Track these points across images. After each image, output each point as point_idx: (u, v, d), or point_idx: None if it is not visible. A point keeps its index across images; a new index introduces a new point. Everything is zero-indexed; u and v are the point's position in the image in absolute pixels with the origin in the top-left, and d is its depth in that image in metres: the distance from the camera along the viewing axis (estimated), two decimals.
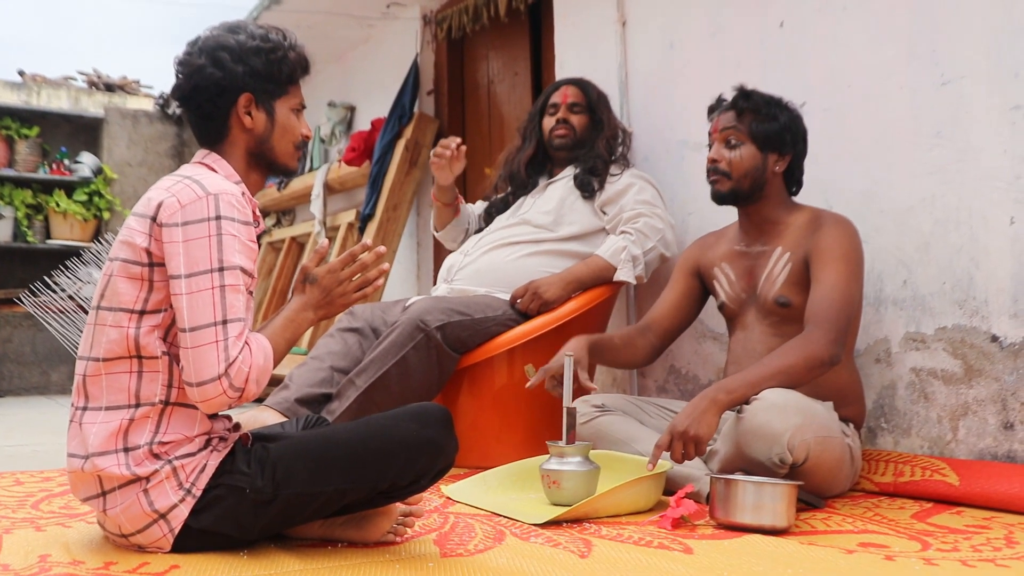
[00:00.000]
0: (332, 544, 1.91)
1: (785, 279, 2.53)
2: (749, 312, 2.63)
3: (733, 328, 2.70)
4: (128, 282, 1.77)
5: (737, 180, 2.59)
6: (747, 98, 2.61)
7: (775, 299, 2.54)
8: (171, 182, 1.81)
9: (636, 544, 1.94)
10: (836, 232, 2.48)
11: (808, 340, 2.34)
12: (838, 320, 2.36)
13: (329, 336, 3.09)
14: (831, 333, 2.34)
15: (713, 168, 2.62)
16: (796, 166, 2.65)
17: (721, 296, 2.71)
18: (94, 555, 1.79)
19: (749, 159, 2.58)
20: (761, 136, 2.58)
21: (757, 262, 2.63)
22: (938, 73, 2.60)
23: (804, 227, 2.55)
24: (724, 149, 2.61)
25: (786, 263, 2.54)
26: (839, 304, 2.38)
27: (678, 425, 2.25)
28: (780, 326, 2.55)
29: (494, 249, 3.25)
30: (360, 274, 1.93)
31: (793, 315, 2.51)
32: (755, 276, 2.62)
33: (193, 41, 1.91)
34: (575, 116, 3.38)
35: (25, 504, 2.37)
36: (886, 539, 1.98)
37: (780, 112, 2.60)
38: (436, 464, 1.86)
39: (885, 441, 2.71)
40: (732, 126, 2.60)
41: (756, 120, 2.58)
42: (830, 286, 2.40)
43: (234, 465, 1.78)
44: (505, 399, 3.07)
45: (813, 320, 2.37)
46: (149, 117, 7.55)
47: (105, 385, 1.76)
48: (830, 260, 2.44)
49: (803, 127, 2.65)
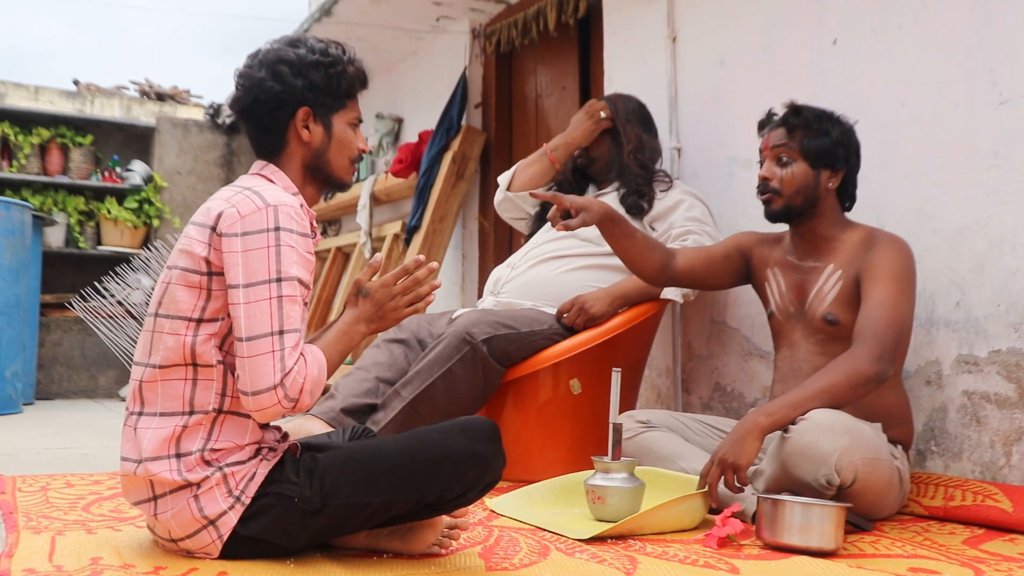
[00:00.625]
0: (378, 555, 1.92)
1: (835, 297, 2.50)
2: (796, 328, 2.60)
3: (779, 344, 2.68)
4: (187, 290, 1.79)
5: (789, 198, 2.57)
6: (797, 114, 2.58)
7: (823, 316, 2.51)
8: (231, 192, 1.84)
9: (682, 562, 1.93)
10: (890, 251, 2.45)
11: (852, 358, 2.31)
12: (884, 337, 2.32)
13: (375, 347, 3.11)
14: (876, 350, 2.30)
15: (764, 186, 2.60)
16: (849, 181, 2.62)
17: (771, 304, 2.68)
18: (144, 559, 1.81)
19: (801, 176, 2.56)
20: (813, 153, 2.55)
21: (808, 277, 2.60)
22: (996, 92, 2.57)
23: (857, 245, 2.52)
24: (775, 167, 2.58)
25: (837, 280, 2.51)
26: (886, 321, 2.34)
27: (718, 452, 2.24)
28: (827, 344, 2.52)
29: (541, 263, 3.25)
30: (412, 289, 1.93)
31: (841, 334, 2.48)
32: (805, 291, 2.59)
33: (254, 54, 1.93)
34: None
35: (76, 507, 2.40)
36: (937, 564, 1.95)
37: (832, 127, 2.57)
38: (484, 478, 1.86)
39: (935, 464, 2.67)
40: (783, 143, 2.57)
41: (807, 136, 2.55)
42: (878, 303, 2.37)
43: (283, 474, 1.80)
44: (549, 413, 3.07)
45: (859, 337, 2.35)
46: (199, 126, 7.65)
47: (160, 391, 1.78)
48: (881, 278, 2.40)
49: (856, 141, 2.61)
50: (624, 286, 3.12)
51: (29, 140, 6.96)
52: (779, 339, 2.68)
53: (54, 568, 1.73)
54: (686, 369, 3.61)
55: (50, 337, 6.83)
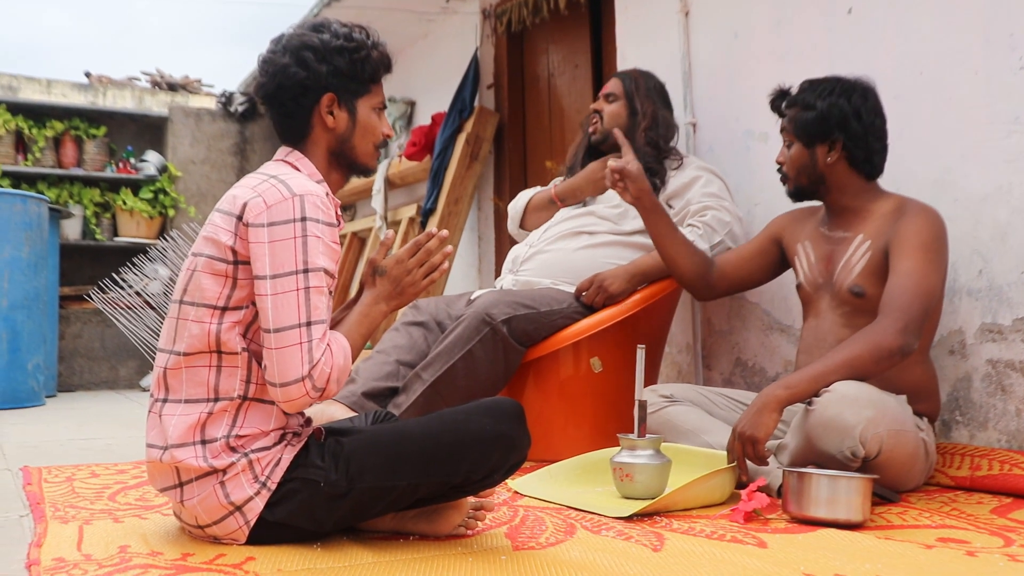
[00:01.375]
0: (404, 537, 1.92)
1: (863, 268, 2.48)
2: (823, 298, 2.58)
3: (807, 314, 2.66)
4: (212, 278, 1.79)
5: (795, 179, 2.61)
6: (786, 94, 2.62)
7: (850, 288, 2.49)
8: (256, 181, 1.83)
9: (708, 538, 1.92)
10: (920, 221, 2.41)
11: (876, 329, 2.29)
12: (910, 308, 2.29)
13: (394, 330, 3.11)
14: (900, 322, 2.28)
15: (779, 169, 2.66)
16: (856, 148, 2.52)
17: (800, 276, 2.67)
18: (171, 546, 1.82)
19: (797, 157, 2.58)
20: (802, 131, 2.56)
21: (837, 248, 2.58)
22: (1016, 57, 2.53)
23: (888, 215, 2.49)
24: (785, 149, 2.63)
25: (866, 251, 2.48)
26: (912, 292, 2.31)
27: (737, 426, 2.24)
28: (853, 316, 2.50)
29: (559, 239, 3.24)
30: (426, 260, 1.93)
31: (867, 306, 2.46)
32: (833, 262, 2.57)
33: (277, 39, 1.92)
34: (609, 105, 3.35)
35: (102, 496, 2.42)
36: (966, 534, 1.94)
37: (818, 100, 2.52)
38: (509, 459, 1.85)
39: (960, 434, 2.66)
40: (784, 127, 2.63)
41: (797, 115, 2.57)
42: (905, 274, 2.34)
43: (308, 459, 1.80)
44: (571, 392, 3.06)
45: (884, 309, 2.32)
46: (212, 115, 7.66)
47: (185, 378, 1.78)
48: (909, 249, 2.37)
49: (853, 106, 2.50)
50: (642, 263, 3.10)
51: (43, 133, 6.98)
52: (807, 309, 2.66)
53: (83, 557, 1.74)
54: (706, 345, 3.60)
55: (70, 329, 6.87)
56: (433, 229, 1.94)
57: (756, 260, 2.82)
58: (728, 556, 1.76)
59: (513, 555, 1.78)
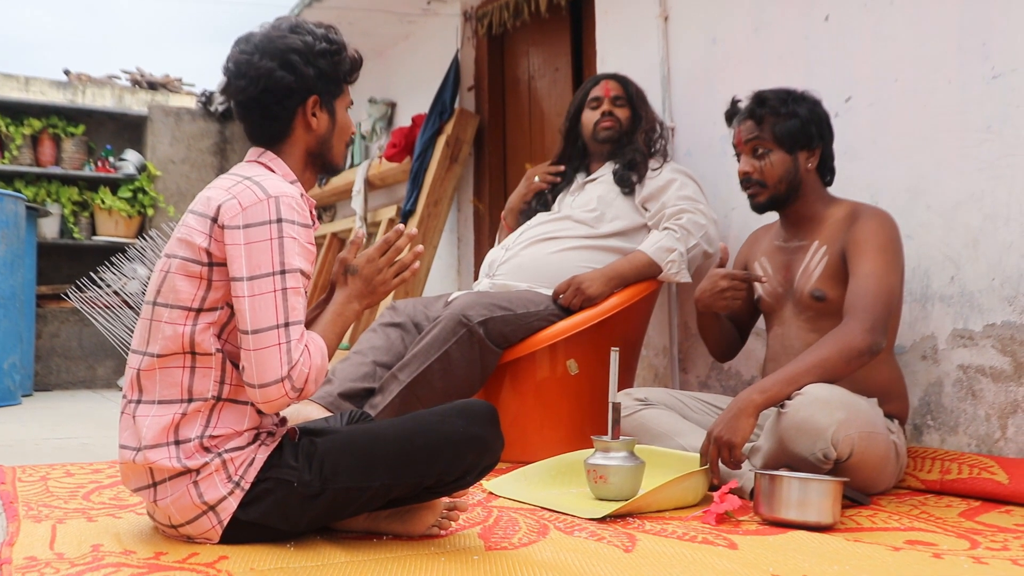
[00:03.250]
0: (377, 537, 1.93)
1: (821, 272, 2.51)
2: (786, 307, 2.61)
3: (770, 324, 2.69)
4: (187, 280, 1.79)
5: (774, 188, 2.58)
6: (762, 103, 2.58)
7: (811, 293, 2.52)
8: (231, 182, 1.83)
9: (680, 539, 1.94)
10: (873, 224, 2.46)
11: (844, 331, 2.32)
12: (874, 308, 2.33)
13: (371, 331, 3.11)
14: (867, 322, 2.31)
15: (747, 180, 2.61)
16: (827, 155, 2.62)
17: (759, 289, 2.69)
18: (144, 545, 1.82)
19: (780, 165, 2.57)
20: (786, 138, 2.55)
21: (794, 256, 2.61)
22: (988, 66, 2.57)
23: (842, 221, 2.53)
24: (753, 159, 2.59)
25: (823, 257, 2.52)
26: (875, 293, 2.36)
27: (713, 430, 2.25)
28: (816, 321, 2.53)
29: (535, 243, 3.25)
30: (396, 260, 1.94)
31: (829, 310, 2.49)
32: (792, 270, 2.61)
33: (246, 39, 1.90)
34: (619, 109, 3.37)
35: (76, 495, 2.41)
36: (933, 537, 1.96)
37: (798, 107, 2.56)
38: (482, 460, 1.86)
39: (931, 439, 2.68)
40: (755, 135, 2.58)
41: (776, 123, 2.55)
42: (866, 276, 2.38)
43: (282, 459, 1.80)
44: (547, 394, 3.07)
45: (850, 311, 2.36)
46: (191, 114, 7.63)
47: (159, 379, 1.78)
48: (867, 251, 2.42)
49: (824, 113, 2.60)
50: (619, 266, 3.12)
51: (20, 131, 6.93)
52: (770, 319, 2.69)
53: (55, 555, 1.74)
54: (683, 348, 3.62)
55: (47, 328, 6.82)
56: (400, 226, 1.95)
57: (750, 298, 2.80)
58: (699, 557, 1.78)
59: (486, 555, 1.79)
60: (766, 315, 2.72)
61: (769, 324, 2.70)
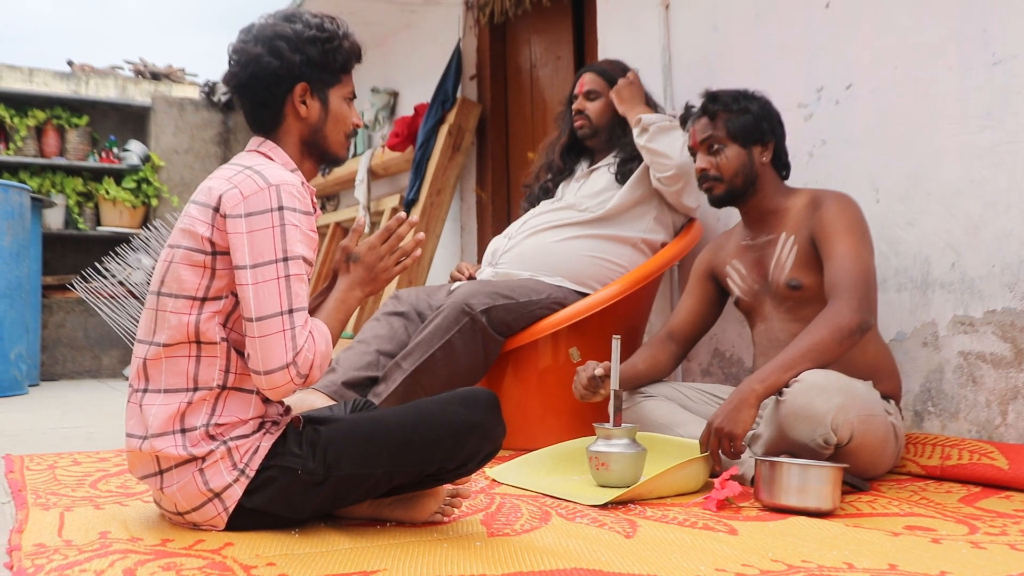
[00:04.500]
0: (381, 523, 1.95)
1: (794, 262, 2.54)
2: (765, 302, 2.64)
3: (753, 321, 2.71)
4: (190, 269, 1.81)
5: (730, 181, 2.62)
6: (715, 100, 2.64)
7: (787, 283, 2.55)
8: (231, 172, 1.85)
9: (681, 525, 1.96)
10: (837, 206, 2.49)
11: (832, 312, 2.34)
12: (857, 286, 2.36)
13: (375, 320, 3.13)
14: (853, 300, 2.34)
15: (704, 176, 2.65)
16: (780, 151, 2.67)
17: (736, 291, 2.72)
18: (151, 532, 1.84)
19: (736, 159, 2.61)
20: (740, 132, 2.60)
21: (765, 251, 2.64)
22: (989, 53, 2.57)
23: (804, 209, 2.57)
24: (709, 156, 2.64)
25: (792, 246, 2.55)
26: (855, 272, 2.38)
27: (714, 421, 2.27)
28: (797, 310, 2.55)
29: (538, 232, 3.26)
30: (398, 247, 1.96)
31: (807, 297, 2.52)
32: (764, 265, 2.63)
33: (247, 28, 1.93)
34: (591, 103, 3.37)
35: (83, 483, 2.43)
36: (933, 522, 1.98)
37: (750, 103, 2.62)
38: (484, 448, 1.88)
39: (932, 425, 2.70)
40: (709, 134, 2.63)
41: (730, 119, 2.60)
42: (842, 256, 2.41)
43: (286, 447, 1.82)
44: (549, 382, 3.09)
45: (833, 292, 2.38)
46: (195, 105, 7.64)
47: (165, 368, 1.80)
48: (836, 233, 2.44)
49: (775, 111, 2.67)
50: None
51: (25, 122, 6.95)
52: (752, 317, 2.71)
53: (63, 542, 1.76)
54: None
55: (53, 319, 6.85)
56: (402, 214, 1.97)
57: (704, 309, 2.85)
58: (699, 543, 1.80)
59: (488, 541, 1.81)
60: (746, 314, 2.74)
61: (752, 321, 2.72)
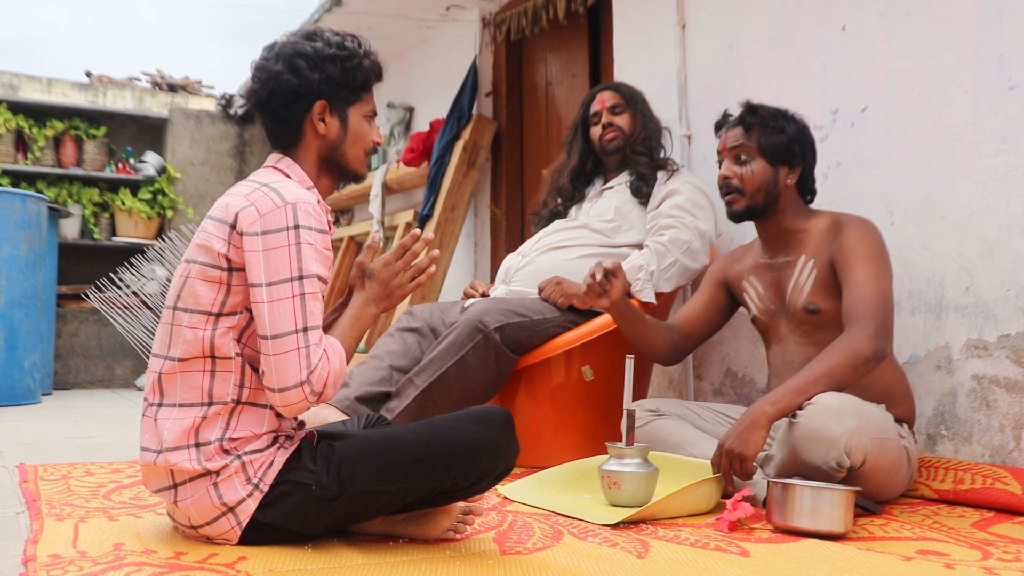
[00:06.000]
0: (393, 540, 1.95)
1: (812, 286, 2.54)
2: (781, 324, 2.64)
3: (769, 342, 2.71)
4: (206, 285, 1.82)
5: (751, 196, 2.61)
6: (753, 113, 2.63)
7: (804, 307, 2.55)
8: (249, 189, 1.86)
9: (693, 546, 1.96)
10: (858, 232, 2.49)
11: (848, 339, 2.34)
12: (875, 315, 2.35)
13: (388, 335, 3.14)
14: (870, 328, 2.33)
15: (726, 185, 2.64)
16: (808, 176, 2.66)
17: (753, 309, 2.72)
18: (165, 545, 1.85)
19: (760, 174, 2.60)
20: (770, 150, 2.59)
21: (783, 273, 2.64)
22: (1004, 77, 2.57)
23: (825, 232, 2.56)
24: (735, 165, 2.63)
25: (811, 270, 2.55)
26: (873, 299, 2.38)
27: (725, 442, 2.27)
28: (813, 335, 2.55)
29: (552, 250, 3.27)
30: (412, 264, 1.97)
31: (825, 322, 2.52)
32: (782, 287, 2.63)
33: (270, 46, 1.95)
34: (618, 117, 3.38)
35: (97, 494, 2.44)
36: (946, 547, 1.97)
37: (788, 124, 2.62)
38: (497, 466, 1.89)
39: (945, 449, 2.69)
40: (741, 143, 2.62)
41: (764, 134, 2.60)
42: (861, 284, 2.41)
43: (300, 462, 1.83)
44: (562, 400, 3.09)
45: (851, 319, 2.38)
46: (211, 117, 7.69)
47: (180, 383, 1.82)
48: (857, 259, 2.44)
49: (811, 137, 2.66)
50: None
51: (43, 132, 7.01)
52: (767, 338, 2.71)
53: (78, 554, 1.77)
54: (697, 355, 3.63)
55: (67, 328, 6.89)
56: (417, 231, 1.98)
57: (711, 312, 2.87)
58: (711, 564, 1.80)
59: (500, 559, 1.81)
60: (763, 333, 2.74)
61: (767, 342, 2.72)
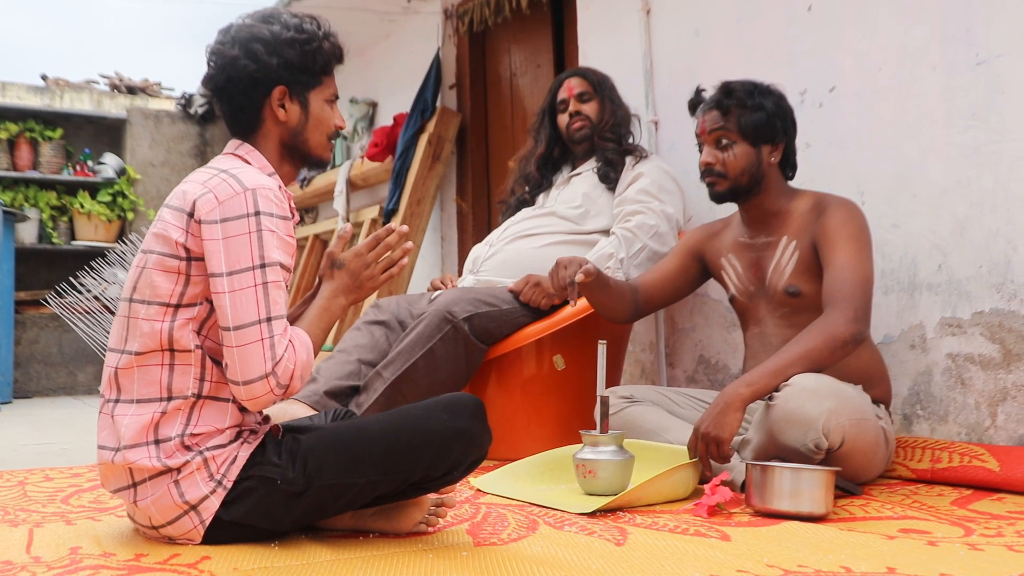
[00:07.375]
0: (364, 535, 1.89)
1: (794, 268, 2.49)
2: (760, 305, 2.59)
3: (746, 323, 2.67)
4: (164, 275, 1.75)
5: (735, 179, 2.55)
6: (729, 94, 2.55)
7: (785, 289, 2.50)
8: (206, 176, 1.79)
9: (672, 532, 1.91)
10: (841, 213, 2.44)
11: (827, 321, 2.30)
12: (854, 297, 2.31)
13: (356, 329, 3.08)
14: (849, 311, 2.30)
15: (708, 170, 2.58)
16: (789, 150, 2.60)
17: (731, 289, 2.67)
18: (125, 547, 1.78)
19: (744, 157, 2.54)
20: (751, 131, 2.52)
21: (763, 253, 2.59)
22: (972, 53, 2.55)
23: (807, 213, 2.51)
24: (717, 151, 2.56)
25: (793, 251, 2.50)
26: (854, 281, 2.34)
27: (700, 426, 2.23)
28: (792, 317, 2.51)
29: (519, 239, 3.22)
30: (385, 255, 1.91)
31: (804, 304, 2.48)
32: (762, 268, 2.58)
33: (225, 29, 1.87)
34: (586, 105, 3.33)
35: (55, 499, 2.36)
36: (927, 525, 1.94)
37: (765, 100, 2.53)
38: (469, 455, 1.83)
39: (921, 428, 2.67)
40: (720, 126, 2.55)
41: (743, 115, 2.52)
42: (842, 266, 2.37)
43: (265, 457, 1.77)
44: (533, 390, 3.05)
45: (831, 301, 2.34)
46: (171, 117, 7.56)
47: (137, 378, 1.74)
48: (839, 241, 2.40)
49: (789, 108, 2.59)
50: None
51: None
52: (745, 319, 2.67)
53: (32, 559, 1.70)
54: (669, 343, 3.59)
55: (26, 335, 6.74)
56: (392, 224, 1.92)
57: (678, 278, 2.81)
58: (692, 549, 1.75)
59: (474, 551, 1.76)
60: (740, 314, 2.69)
61: (745, 323, 2.68)
